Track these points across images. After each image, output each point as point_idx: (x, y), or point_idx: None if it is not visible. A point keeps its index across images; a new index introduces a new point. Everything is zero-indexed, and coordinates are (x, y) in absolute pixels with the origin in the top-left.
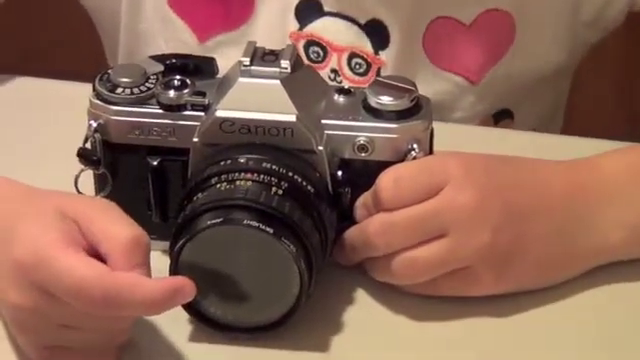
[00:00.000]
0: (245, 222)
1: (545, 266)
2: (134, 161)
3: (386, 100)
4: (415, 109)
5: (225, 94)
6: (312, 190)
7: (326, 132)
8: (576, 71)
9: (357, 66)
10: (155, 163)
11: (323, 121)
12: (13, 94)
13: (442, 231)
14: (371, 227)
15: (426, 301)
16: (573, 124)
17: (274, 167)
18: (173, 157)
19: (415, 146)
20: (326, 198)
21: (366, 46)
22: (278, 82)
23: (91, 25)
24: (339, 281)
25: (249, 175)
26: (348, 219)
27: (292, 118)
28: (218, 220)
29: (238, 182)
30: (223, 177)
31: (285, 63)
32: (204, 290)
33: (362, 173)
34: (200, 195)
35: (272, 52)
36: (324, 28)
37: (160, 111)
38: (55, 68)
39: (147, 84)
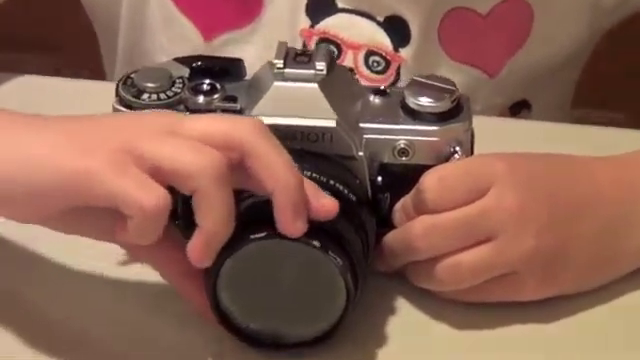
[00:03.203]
0: (290, 236)
1: (590, 268)
2: None
3: (426, 102)
4: (456, 110)
5: (259, 99)
6: (354, 198)
7: (365, 136)
8: None
9: (375, 64)
10: None
11: (361, 125)
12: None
13: (488, 235)
14: (414, 230)
15: (468, 308)
16: None
17: (315, 175)
18: None
19: (457, 148)
20: (367, 205)
21: (385, 43)
22: (316, 86)
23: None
24: (378, 289)
25: None
26: (386, 225)
27: (332, 123)
28: (261, 234)
29: None
30: None
31: (320, 65)
32: (245, 306)
33: (402, 178)
34: (240, 206)
35: (304, 53)
36: (339, 25)
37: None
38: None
39: (174, 88)
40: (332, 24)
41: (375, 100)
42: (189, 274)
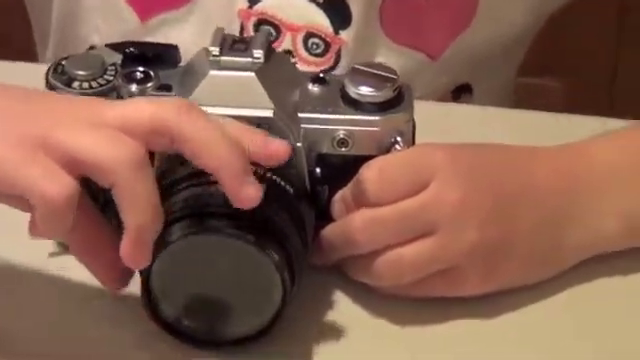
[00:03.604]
0: (224, 231)
1: (534, 261)
2: None
3: (366, 91)
4: (397, 99)
5: (194, 88)
6: (291, 190)
7: (303, 126)
8: None
9: (314, 46)
10: None
11: (300, 114)
12: None
13: (429, 228)
14: (354, 223)
15: (408, 303)
16: None
17: (251, 166)
18: None
19: (399, 139)
20: (305, 197)
21: (324, 25)
22: (253, 74)
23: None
24: (316, 283)
25: None
26: (325, 218)
27: (269, 113)
28: (193, 229)
29: (212, 185)
30: (195, 180)
31: (258, 53)
32: (179, 302)
33: (341, 169)
34: (170, 200)
35: (242, 40)
36: (277, 6)
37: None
38: None
39: (106, 76)
40: (270, 5)
41: (314, 88)
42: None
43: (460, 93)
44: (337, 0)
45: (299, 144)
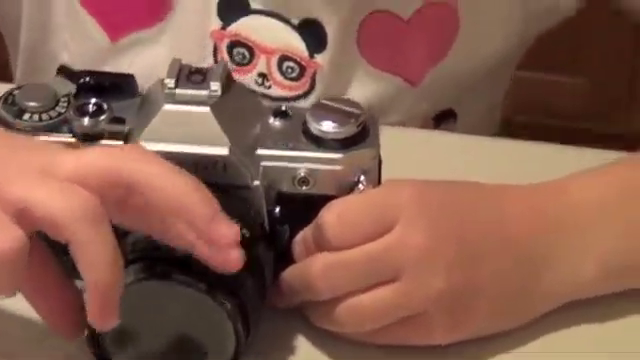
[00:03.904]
0: (174, 276)
1: (504, 307)
2: None
3: (329, 127)
4: (362, 135)
5: (148, 122)
6: (247, 233)
7: (262, 164)
8: None
9: (289, 70)
10: None
11: (259, 151)
12: None
13: (392, 274)
14: (313, 268)
15: (369, 349)
16: None
17: None
18: None
19: (362, 178)
20: (263, 239)
21: (300, 48)
22: (207, 109)
23: None
24: (275, 327)
25: None
26: (286, 259)
27: (224, 151)
28: (143, 275)
29: None
30: None
31: (215, 85)
32: (130, 350)
33: (303, 208)
34: (122, 241)
35: (199, 70)
36: (251, 27)
37: (73, 140)
38: None
39: (58, 108)
40: (244, 26)
41: (275, 123)
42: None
43: (443, 119)
44: (312, 22)
45: (257, 182)
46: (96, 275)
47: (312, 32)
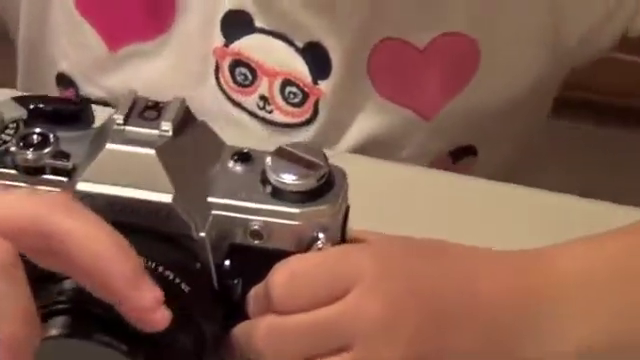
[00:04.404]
0: (95, 336)
1: None
2: None
3: (287, 178)
4: (323, 190)
5: (92, 160)
6: (187, 289)
7: (213, 212)
8: None
9: (291, 95)
10: None
11: (210, 199)
12: None
13: (343, 344)
14: (258, 331)
15: None
16: None
17: (141, 259)
18: None
19: (321, 235)
20: (208, 294)
21: (303, 73)
22: (153, 152)
23: None
24: None
25: None
26: (241, 314)
27: (167, 199)
28: (64, 331)
29: None
30: None
31: (166, 125)
32: None
33: (256, 262)
34: (50, 288)
35: (155, 105)
36: (254, 47)
37: (15, 172)
38: None
39: (3, 135)
40: (247, 45)
41: (235, 167)
42: None
43: (461, 155)
44: (316, 46)
45: (202, 234)
46: (6, 329)
47: (316, 57)
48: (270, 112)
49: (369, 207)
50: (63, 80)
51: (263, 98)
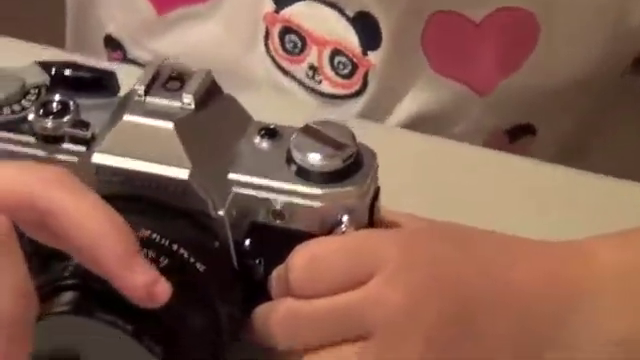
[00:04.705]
0: (98, 314)
1: None
2: None
3: (313, 158)
4: (349, 171)
5: (109, 131)
6: (202, 268)
7: (234, 190)
8: None
9: (340, 66)
10: None
11: (231, 176)
12: None
13: (362, 333)
14: (274, 315)
15: None
16: None
17: (154, 236)
18: None
19: (345, 218)
20: (226, 274)
21: (353, 43)
22: (171, 126)
23: None
24: None
25: None
26: (264, 294)
27: (184, 174)
28: (65, 307)
29: None
30: None
31: (188, 97)
32: None
33: (278, 242)
34: (62, 263)
35: (180, 76)
36: (304, 14)
37: (33, 140)
38: None
39: (24, 102)
40: (297, 12)
41: (261, 144)
42: None
43: (519, 134)
44: (366, 16)
45: (221, 212)
46: (1, 306)
47: (366, 27)
48: (319, 82)
49: (417, 185)
50: (111, 42)
51: (312, 68)
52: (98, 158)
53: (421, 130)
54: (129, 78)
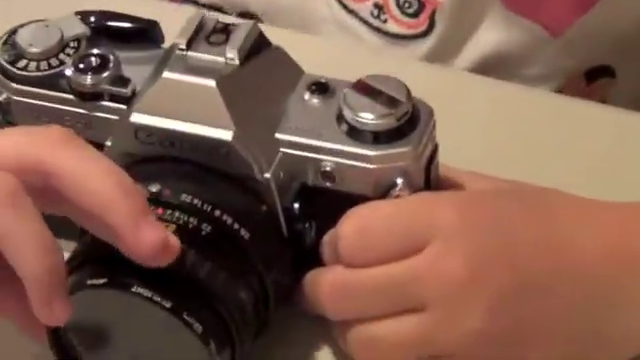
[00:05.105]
0: (134, 289)
1: (563, 356)
2: None
3: (365, 117)
4: (404, 129)
5: (148, 88)
6: (247, 235)
7: (282, 150)
8: None
9: (407, 4)
10: None
11: (278, 135)
12: None
13: (415, 306)
14: (323, 284)
15: None
16: None
17: (195, 201)
18: None
19: (399, 181)
20: (273, 240)
21: None
22: (213, 83)
23: None
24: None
25: (159, 211)
26: (316, 261)
27: (227, 136)
28: (100, 281)
29: None
30: None
31: (232, 52)
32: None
33: (329, 205)
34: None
35: (225, 28)
36: None
37: (71, 97)
38: None
39: (62, 55)
40: None
41: (311, 100)
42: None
43: (597, 76)
44: None
45: (267, 175)
46: (27, 268)
47: None
48: (384, 22)
49: (486, 137)
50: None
51: (377, 6)
52: (136, 118)
53: (492, 74)
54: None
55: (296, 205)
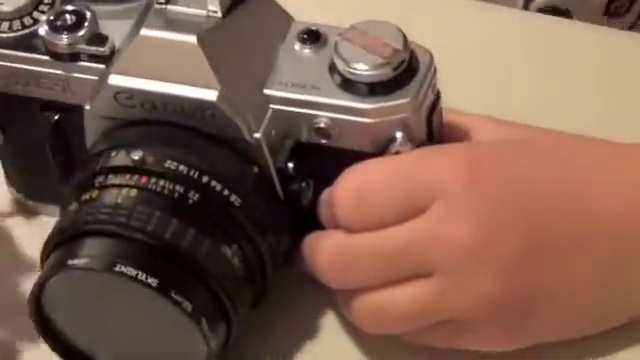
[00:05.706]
0: (117, 268)
1: (576, 319)
2: (24, 116)
3: (359, 67)
4: (401, 80)
5: (126, 47)
6: (237, 202)
7: (272, 106)
8: None
9: None
10: (54, 119)
11: (267, 91)
12: None
13: (422, 270)
14: (321, 252)
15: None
16: None
17: (181, 168)
18: (73, 114)
19: (399, 135)
20: (267, 204)
21: None
22: (194, 40)
23: None
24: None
25: (143, 180)
26: (315, 221)
27: (211, 96)
28: (81, 261)
29: (122, 191)
30: (100, 180)
31: (214, 4)
32: (85, 339)
33: (326, 163)
34: (92, 195)
35: None
36: None
37: (47, 58)
38: None
39: (36, 13)
40: None
41: (303, 51)
42: None
43: None
44: None
45: (258, 135)
46: None
47: None
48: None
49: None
50: None
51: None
52: (115, 80)
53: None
54: None
55: (290, 165)
